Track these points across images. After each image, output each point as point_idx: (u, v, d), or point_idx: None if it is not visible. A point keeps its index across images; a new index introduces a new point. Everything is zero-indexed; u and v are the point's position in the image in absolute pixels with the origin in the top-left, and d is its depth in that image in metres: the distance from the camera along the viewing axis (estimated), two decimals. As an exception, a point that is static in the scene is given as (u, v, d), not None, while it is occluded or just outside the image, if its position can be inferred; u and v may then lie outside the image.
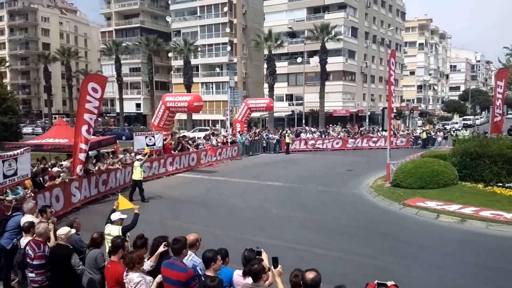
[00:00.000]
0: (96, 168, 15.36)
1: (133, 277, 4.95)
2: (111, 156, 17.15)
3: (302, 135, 34.77)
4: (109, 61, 64.86)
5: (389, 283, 3.95)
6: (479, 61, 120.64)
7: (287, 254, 8.64)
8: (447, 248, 10.25)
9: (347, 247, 10.08)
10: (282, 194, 16.54)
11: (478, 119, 74.99)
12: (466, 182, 16.40)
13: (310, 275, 4.00)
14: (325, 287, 4.16)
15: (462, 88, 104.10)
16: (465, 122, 67.21)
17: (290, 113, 49.65)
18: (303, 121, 46.37)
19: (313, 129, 39.82)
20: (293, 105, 52.56)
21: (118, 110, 63.93)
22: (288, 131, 34.74)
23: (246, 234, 10.84)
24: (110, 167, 16.16)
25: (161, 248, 5.38)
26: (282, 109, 51.41)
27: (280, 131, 37.01)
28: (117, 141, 19.18)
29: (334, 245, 10.19)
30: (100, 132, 42.48)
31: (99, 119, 43.80)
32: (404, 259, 9.29)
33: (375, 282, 4.10)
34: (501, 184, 15.45)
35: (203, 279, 4.66)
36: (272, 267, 4.52)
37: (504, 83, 22.44)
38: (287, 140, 31.26)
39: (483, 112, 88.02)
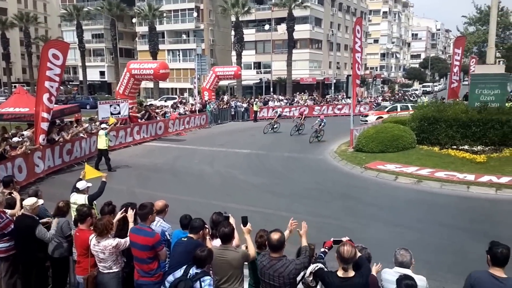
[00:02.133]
0: (60, 137, 15.05)
1: (109, 242, 5.00)
2: (75, 125, 16.81)
3: (270, 103, 34.99)
4: (70, 27, 62.23)
5: (344, 239, 4.24)
6: (439, 29, 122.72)
7: (254, 217, 8.87)
8: (404, 207, 10.93)
9: (311, 209, 10.49)
10: (250, 161, 16.82)
11: (436, 85, 77.41)
12: (423, 146, 17.12)
13: (275, 236, 4.21)
14: (288, 247, 4.42)
15: (423, 56, 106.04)
16: (425, 89, 69.44)
17: (258, 81, 49.55)
18: (271, 89, 46.42)
19: (280, 97, 40.06)
20: (261, 73, 52.43)
21: (81, 78, 61.82)
22: (256, 99, 34.77)
23: (214, 200, 11.07)
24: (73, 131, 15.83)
25: (119, 215, 5.31)
26: (250, 77, 51.21)
27: (248, 99, 36.98)
28: (80, 110, 18.77)
29: (299, 208, 10.59)
30: (63, 101, 41.22)
31: (62, 87, 42.33)
32: (365, 219, 9.84)
33: (331, 239, 4.40)
34: (455, 147, 16.23)
35: (187, 240, 4.74)
36: (242, 226, 4.75)
37: (461, 51, 23.24)
38: (255, 108, 31.43)
39: (442, 79, 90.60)
